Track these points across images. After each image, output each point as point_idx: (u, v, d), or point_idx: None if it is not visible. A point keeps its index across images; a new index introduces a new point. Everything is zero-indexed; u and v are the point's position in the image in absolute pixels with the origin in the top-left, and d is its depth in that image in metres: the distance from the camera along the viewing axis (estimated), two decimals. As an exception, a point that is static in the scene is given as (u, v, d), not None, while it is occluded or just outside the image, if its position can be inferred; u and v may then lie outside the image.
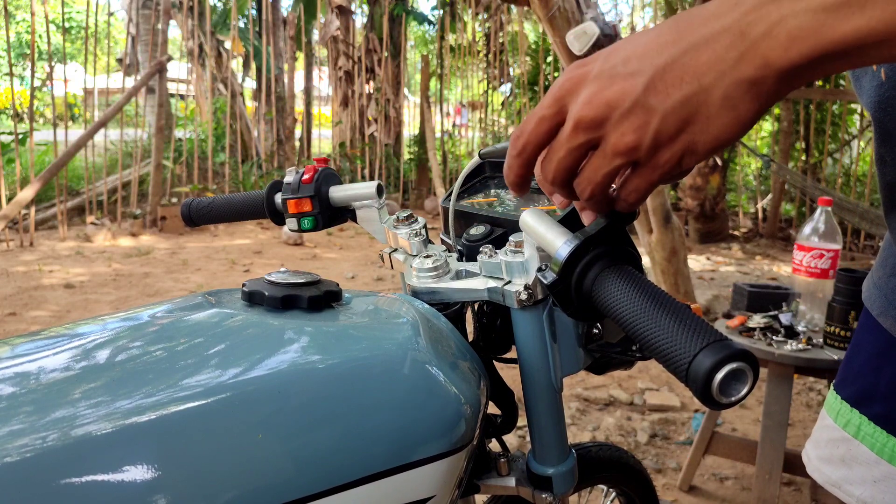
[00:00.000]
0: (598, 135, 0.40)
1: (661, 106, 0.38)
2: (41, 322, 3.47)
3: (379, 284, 4.45)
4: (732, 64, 0.36)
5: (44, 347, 0.49)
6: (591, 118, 0.39)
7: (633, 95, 0.38)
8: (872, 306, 0.67)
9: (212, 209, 0.89)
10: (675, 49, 0.37)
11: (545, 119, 0.43)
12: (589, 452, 0.89)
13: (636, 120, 0.38)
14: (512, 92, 8.41)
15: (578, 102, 0.40)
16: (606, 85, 0.39)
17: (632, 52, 0.39)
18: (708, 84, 0.37)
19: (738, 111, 0.37)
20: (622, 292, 0.43)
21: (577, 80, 0.41)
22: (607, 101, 0.39)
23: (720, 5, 0.37)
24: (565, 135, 0.42)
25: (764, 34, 0.35)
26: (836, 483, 0.68)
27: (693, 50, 0.37)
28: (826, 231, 1.76)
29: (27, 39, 18.25)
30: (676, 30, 0.38)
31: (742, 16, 0.36)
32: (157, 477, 0.39)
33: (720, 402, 0.37)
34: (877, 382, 0.65)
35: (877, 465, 0.64)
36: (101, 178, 6.58)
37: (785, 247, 6.08)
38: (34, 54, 5.67)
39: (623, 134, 0.39)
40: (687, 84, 0.37)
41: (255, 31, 9.68)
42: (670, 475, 2.11)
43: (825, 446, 0.70)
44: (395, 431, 0.47)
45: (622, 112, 0.39)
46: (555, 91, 0.42)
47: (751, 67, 0.36)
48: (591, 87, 0.40)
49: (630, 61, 0.38)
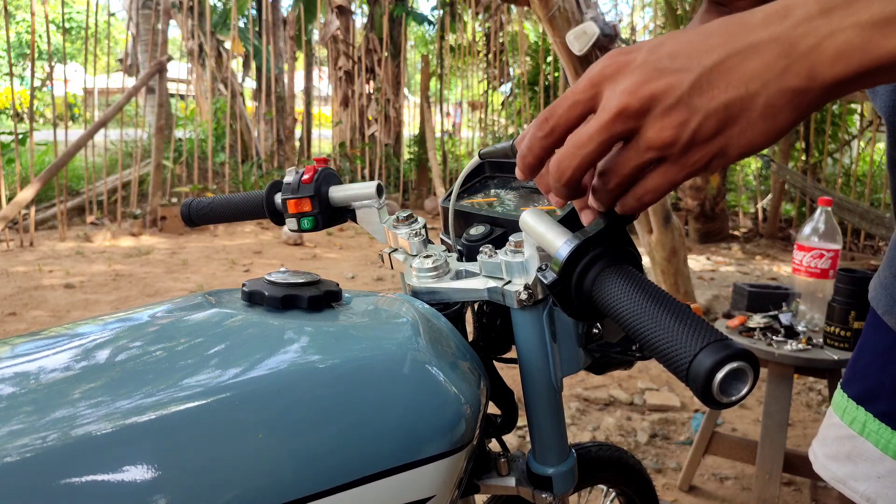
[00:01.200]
0: (635, 125, 0.39)
1: (705, 106, 0.38)
2: (41, 322, 3.47)
3: (379, 284, 4.45)
4: (779, 73, 0.37)
5: (44, 347, 0.49)
6: (635, 108, 0.39)
7: (679, 91, 0.38)
8: (878, 305, 0.67)
9: (212, 209, 0.89)
10: (724, 51, 0.37)
11: (579, 103, 0.41)
12: (589, 452, 0.89)
13: (678, 116, 0.38)
14: (512, 92, 8.41)
15: (619, 90, 0.39)
16: (653, 77, 0.38)
17: (679, 48, 0.38)
18: (753, 91, 0.37)
19: (777, 120, 0.38)
20: (622, 292, 0.43)
21: (618, 66, 0.40)
22: (652, 93, 0.38)
23: (770, 14, 0.37)
24: (599, 123, 0.40)
25: (812, 47, 0.36)
26: (842, 479, 0.69)
27: (741, 55, 0.37)
28: (826, 231, 1.76)
29: (27, 39, 18.26)
30: (726, 33, 0.38)
31: (792, 27, 0.36)
32: (157, 477, 0.39)
33: (721, 402, 0.37)
34: (882, 380, 0.66)
35: (881, 462, 0.65)
36: (101, 178, 6.58)
37: (785, 247, 6.08)
38: (34, 54, 5.67)
39: (662, 128, 0.38)
40: (733, 88, 0.37)
41: (255, 31, 9.68)
42: (670, 475, 2.11)
43: (832, 444, 0.71)
44: (395, 431, 0.47)
45: (665, 106, 0.38)
46: (592, 76, 0.41)
47: (797, 79, 0.36)
48: (634, 76, 0.39)
49: (677, 57, 0.38)
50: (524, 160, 0.46)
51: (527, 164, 0.46)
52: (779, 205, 6.58)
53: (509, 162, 0.75)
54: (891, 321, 0.65)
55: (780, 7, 0.37)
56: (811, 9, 0.36)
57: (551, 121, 0.43)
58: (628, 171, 0.42)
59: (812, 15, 0.36)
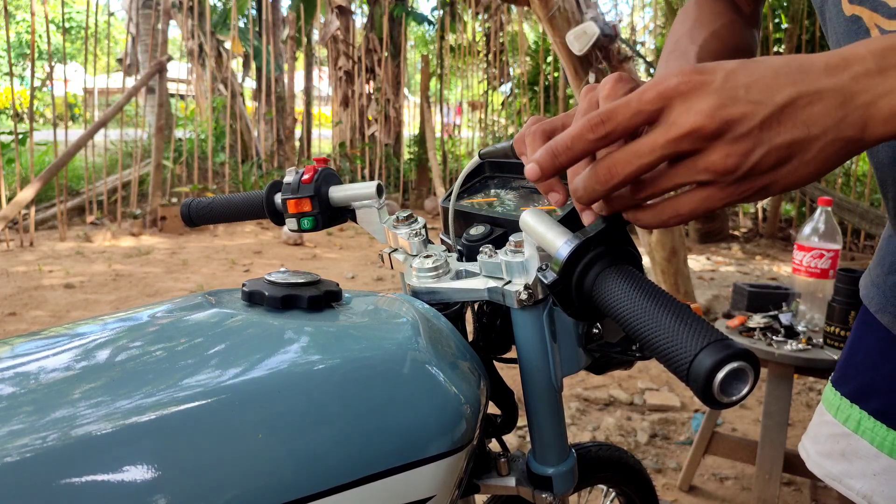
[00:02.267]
0: (700, 147, 0.40)
1: (770, 141, 0.39)
2: (41, 322, 3.47)
3: (379, 284, 4.45)
4: (836, 122, 0.39)
5: (44, 347, 0.49)
6: (709, 130, 0.39)
7: (752, 123, 0.39)
8: (871, 303, 0.68)
9: (212, 209, 0.89)
10: (794, 92, 0.39)
11: (643, 113, 0.41)
12: (589, 452, 0.89)
13: (745, 146, 0.39)
14: (512, 92, 8.41)
15: (695, 110, 0.39)
16: (729, 103, 0.39)
17: (753, 81, 0.39)
18: (814, 134, 0.39)
19: (824, 164, 0.40)
20: (623, 292, 0.43)
21: (693, 85, 0.40)
22: (728, 119, 0.39)
23: (831, 64, 0.39)
24: (667, 138, 0.40)
25: (868, 104, 0.38)
26: (837, 477, 0.69)
27: (808, 98, 0.39)
28: (826, 231, 1.76)
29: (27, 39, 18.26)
30: (793, 74, 0.39)
31: (851, 80, 0.38)
32: (157, 477, 0.39)
33: (721, 402, 0.37)
34: (876, 378, 0.67)
35: (877, 459, 0.65)
36: (101, 178, 6.58)
37: (785, 247, 6.08)
38: (34, 54, 5.67)
39: (728, 155, 0.39)
40: (798, 129, 0.39)
41: (255, 31, 9.68)
42: (670, 475, 2.11)
43: (825, 441, 0.71)
44: (395, 431, 0.47)
45: (736, 135, 0.39)
46: (664, 90, 0.40)
47: (851, 129, 0.39)
48: (711, 100, 0.39)
49: (752, 89, 0.39)
50: (556, 159, 0.43)
51: (559, 163, 0.44)
52: (779, 205, 6.58)
53: (509, 162, 0.75)
54: (884, 319, 0.65)
55: (840, 58, 0.39)
56: (869, 65, 0.38)
57: (608, 124, 0.42)
58: (669, 188, 0.42)
59: (870, 72, 0.38)
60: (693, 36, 0.70)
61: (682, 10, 0.77)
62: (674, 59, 0.68)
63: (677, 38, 0.72)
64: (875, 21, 0.54)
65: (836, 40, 0.60)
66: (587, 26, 2.95)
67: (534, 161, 0.45)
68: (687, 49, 0.68)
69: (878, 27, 0.54)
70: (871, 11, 0.54)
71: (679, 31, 0.73)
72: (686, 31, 0.72)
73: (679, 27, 0.74)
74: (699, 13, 0.73)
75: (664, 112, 0.40)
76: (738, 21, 0.74)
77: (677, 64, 0.66)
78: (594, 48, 3.01)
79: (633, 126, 0.42)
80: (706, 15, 0.73)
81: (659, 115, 0.41)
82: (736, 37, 0.72)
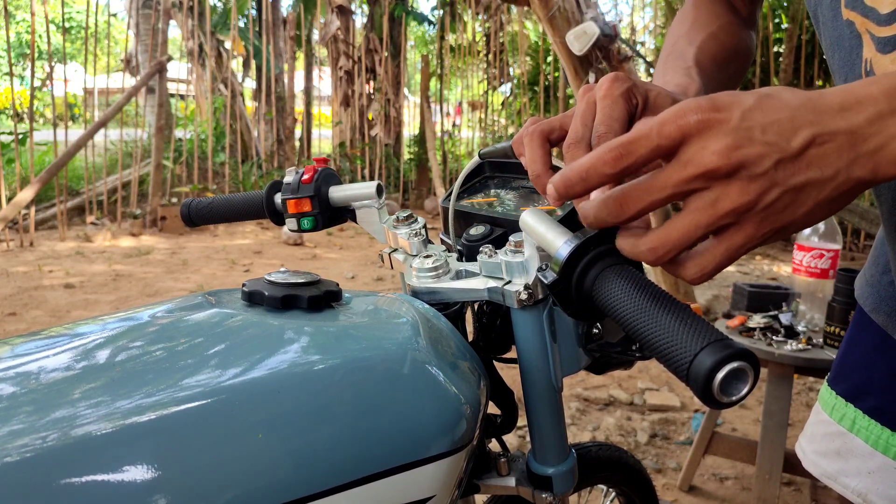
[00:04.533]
0: (712, 186, 0.40)
1: (785, 182, 0.39)
2: (41, 322, 3.47)
3: (379, 284, 4.45)
4: (849, 163, 0.39)
5: (44, 347, 0.49)
6: (724, 170, 0.39)
7: (767, 163, 0.39)
8: (865, 303, 0.68)
9: (212, 209, 0.89)
10: (809, 134, 0.39)
11: (661, 148, 0.40)
12: (589, 452, 0.89)
13: (760, 186, 0.39)
14: (512, 92, 8.41)
15: (711, 150, 0.39)
16: (744, 143, 0.39)
17: (770, 122, 0.39)
18: (828, 175, 0.39)
19: (836, 204, 0.40)
20: (623, 292, 0.43)
21: (710, 124, 0.39)
22: (743, 160, 0.39)
23: (844, 103, 0.39)
24: (681, 177, 0.40)
25: (879, 147, 0.38)
26: (833, 476, 0.70)
27: (822, 139, 0.39)
28: (826, 231, 1.76)
29: (27, 39, 18.25)
30: (812, 112, 0.39)
31: (864, 123, 0.38)
32: (157, 477, 0.39)
33: (721, 402, 0.37)
34: (871, 377, 0.67)
35: (871, 457, 0.66)
36: (101, 178, 6.58)
37: (785, 247, 6.08)
38: (34, 54, 5.67)
39: (744, 192, 0.39)
40: (812, 171, 0.39)
41: (255, 31, 9.68)
42: (670, 475, 2.11)
43: (821, 440, 0.72)
44: (395, 431, 0.47)
45: (751, 175, 0.39)
46: (682, 125, 0.40)
47: (862, 171, 0.39)
48: (727, 139, 0.39)
49: (769, 130, 0.39)
50: (571, 188, 0.43)
51: (574, 193, 0.43)
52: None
53: (509, 162, 0.75)
54: (878, 319, 0.66)
55: (854, 99, 0.39)
56: (882, 107, 0.38)
57: (628, 159, 0.41)
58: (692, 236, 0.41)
59: (883, 114, 0.38)
60: (691, 38, 0.71)
61: (679, 13, 0.77)
62: (671, 61, 0.68)
63: (675, 40, 0.72)
64: (866, 27, 0.54)
65: (829, 44, 0.60)
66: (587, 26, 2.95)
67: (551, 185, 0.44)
68: (685, 51, 0.68)
69: (868, 33, 0.54)
70: (863, 17, 0.54)
71: (677, 34, 0.73)
72: (683, 33, 0.72)
73: (676, 30, 0.74)
74: (696, 15, 0.74)
75: (680, 148, 0.40)
76: (735, 23, 0.74)
77: (675, 69, 0.66)
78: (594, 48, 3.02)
79: (651, 160, 0.41)
80: (703, 17, 0.73)
81: (675, 150, 0.40)
82: (733, 38, 0.72)
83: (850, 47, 0.56)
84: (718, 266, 0.42)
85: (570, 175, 0.43)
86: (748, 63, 0.75)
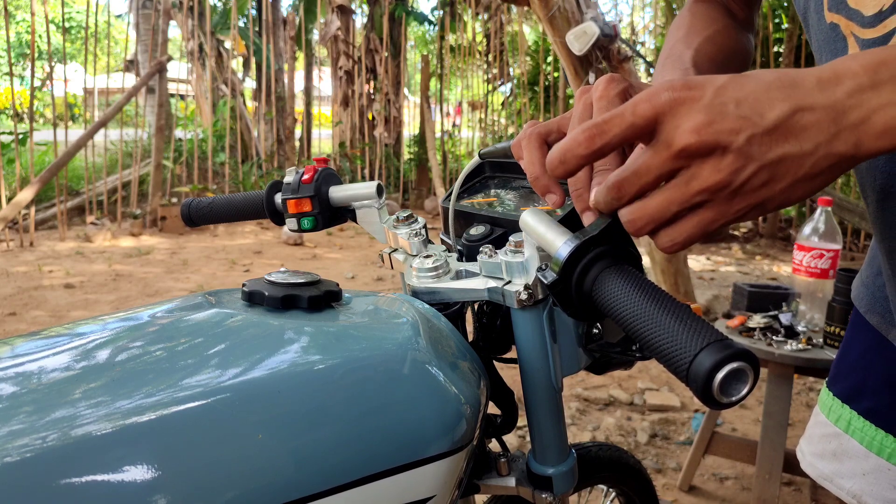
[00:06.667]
0: (689, 164, 0.40)
1: (761, 157, 0.38)
2: (41, 322, 3.47)
3: (379, 284, 4.45)
4: (829, 138, 0.38)
5: (44, 347, 0.49)
6: (696, 147, 0.39)
7: (740, 138, 0.38)
8: (860, 304, 0.69)
9: (212, 209, 0.89)
10: (786, 108, 0.38)
11: (635, 127, 0.41)
12: (589, 452, 0.89)
13: (734, 162, 0.39)
14: (512, 92, 8.41)
15: (684, 128, 0.39)
16: (717, 119, 0.38)
17: (743, 96, 0.39)
18: (806, 150, 0.38)
19: (817, 180, 0.39)
20: (623, 292, 0.43)
21: (683, 101, 0.39)
22: (716, 136, 0.38)
23: (822, 79, 0.39)
24: (662, 158, 0.40)
25: (861, 120, 0.37)
26: (829, 477, 0.70)
27: (800, 114, 0.38)
28: (826, 231, 1.76)
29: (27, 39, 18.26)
30: (789, 86, 0.39)
31: (844, 96, 0.38)
32: (157, 477, 0.39)
33: (721, 402, 0.37)
34: (866, 378, 0.67)
35: (866, 459, 0.66)
36: (101, 178, 6.58)
37: (785, 247, 6.08)
38: (34, 54, 5.67)
39: (718, 171, 0.39)
40: (789, 145, 0.38)
41: (255, 31, 9.68)
42: (670, 475, 2.11)
43: (818, 442, 0.72)
44: (395, 431, 0.47)
45: (724, 152, 0.39)
46: (655, 103, 0.40)
47: (844, 146, 0.38)
48: (700, 117, 0.39)
49: (742, 105, 0.38)
50: (553, 171, 0.44)
51: (557, 174, 0.44)
52: (779, 205, 6.57)
53: (509, 162, 0.75)
54: (873, 320, 0.66)
55: (832, 73, 0.38)
56: (862, 80, 0.38)
57: (601, 139, 0.41)
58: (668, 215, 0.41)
59: (863, 87, 0.37)
60: (688, 41, 0.71)
61: (676, 19, 0.78)
62: (669, 64, 0.68)
63: (672, 44, 0.72)
64: (851, 29, 0.54)
65: (817, 47, 0.60)
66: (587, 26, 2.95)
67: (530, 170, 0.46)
68: (682, 54, 0.68)
69: (853, 35, 0.54)
70: (847, 20, 0.54)
71: (674, 38, 0.73)
72: (681, 37, 0.72)
73: (673, 35, 0.74)
74: (693, 20, 0.74)
75: (657, 128, 0.40)
76: (732, 26, 0.74)
77: (673, 70, 0.66)
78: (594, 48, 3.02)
79: (626, 139, 0.41)
80: (700, 21, 0.73)
81: (651, 130, 0.40)
82: (731, 41, 0.72)
83: (836, 50, 0.56)
84: (688, 238, 0.42)
85: (551, 158, 0.44)
86: (746, 65, 0.75)
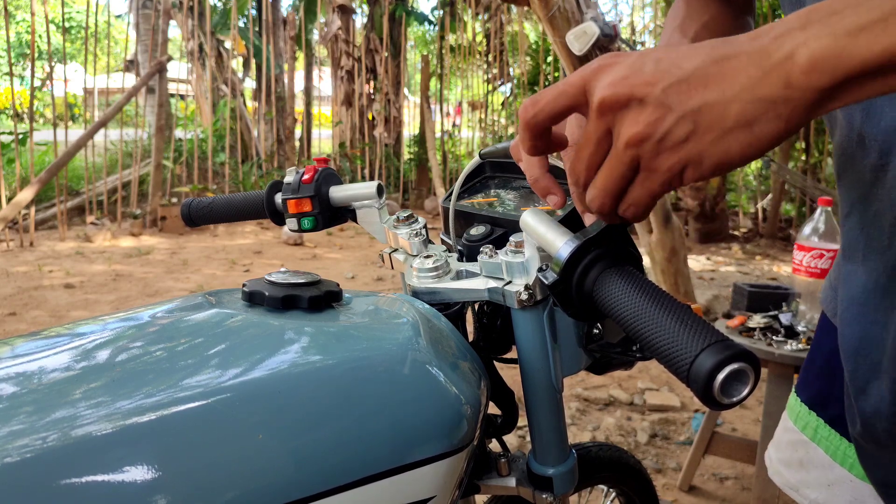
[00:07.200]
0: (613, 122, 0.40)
1: (679, 107, 0.38)
2: (41, 322, 3.47)
3: (379, 284, 4.45)
4: (755, 81, 0.36)
5: (44, 347, 0.49)
6: (612, 99, 0.39)
7: (656, 88, 0.38)
8: (827, 308, 0.67)
9: (212, 209, 0.89)
10: (706, 58, 0.38)
11: (565, 94, 0.42)
12: (589, 452, 0.89)
13: (652, 113, 0.38)
14: (512, 92, 8.41)
15: (602, 85, 0.40)
16: (633, 73, 0.38)
17: (666, 55, 0.39)
18: (729, 97, 0.37)
19: (753, 131, 0.37)
20: (623, 292, 0.43)
21: (606, 65, 0.40)
22: (631, 88, 0.38)
23: (755, 32, 0.38)
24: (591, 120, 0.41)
25: (787, 56, 0.35)
26: (794, 486, 0.68)
27: (720, 63, 0.37)
28: (826, 231, 1.76)
29: (27, 39, 18.25)
30: (711, 45, 0.38)
31: (771, 40, 0.36)
32: (157, 477, 0.39)
33: (721, 403, 0.37)
34: (832, 386, 0.65)
35: (831, 469, 0.64)
36: (101, 178, 6.58)
37: (785, 247, 6.08)
38: (34, 54, 5.67)
39: (636, 122, 0.38)
40: (709, 91, 0.37)
41: (255, 31, 9.68)
42: (670, 475, 2.11)
43: (786, 449, 0.70)
44: (396, 432, 0.47)
45: (641, 102, 0.38)
46: (583, 72, 0.41)
47: (772, 88, 0.36)
48: (616, 72, 0.39)
49: (662, 61, 0.38)
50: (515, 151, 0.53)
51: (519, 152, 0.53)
52: (779, 205, 6.58)
53: (509, 162, 0.75)
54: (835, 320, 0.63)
55: (766, 27, 0.38)
56: (792, 24, 0.36)
57: (534, 107, 0.44)
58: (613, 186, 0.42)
59: (792, 29, 0.36)
60: (684, 30, 0.71)
61: (671, 8, 0.77)
62: None
63: (669, 33, 0.72)
64: None
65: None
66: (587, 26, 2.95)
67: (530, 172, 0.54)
68: (679, 43, 0.68)
69: None
70: None
71: (671, 27, 0.73)
72: (677, 26, 0.72)
73: (670, 24, 0.74)
74: (687, 8, 0.73)
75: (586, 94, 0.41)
76: (727, 12, 0.73)
77: None
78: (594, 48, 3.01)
79: (559, 107, 0.43)
80: (695, 8, 0.73)
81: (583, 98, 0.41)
82: (726, 26, 0.72)
83: None
84: (640, 203, 0.42)
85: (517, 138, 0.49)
86: None
